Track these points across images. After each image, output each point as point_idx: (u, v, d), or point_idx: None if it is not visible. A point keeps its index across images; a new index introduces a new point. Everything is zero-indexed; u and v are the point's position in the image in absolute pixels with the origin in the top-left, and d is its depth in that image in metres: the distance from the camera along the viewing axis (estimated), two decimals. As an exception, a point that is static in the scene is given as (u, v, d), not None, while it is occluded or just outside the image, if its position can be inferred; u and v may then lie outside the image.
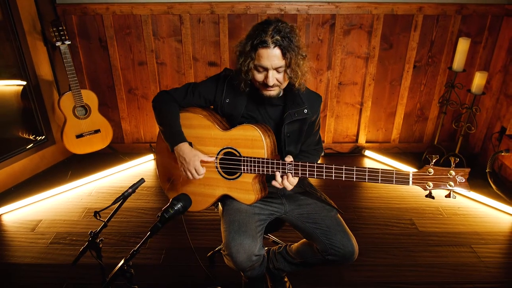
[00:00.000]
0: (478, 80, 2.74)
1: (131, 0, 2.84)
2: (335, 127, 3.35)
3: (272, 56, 1.44)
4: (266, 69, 1.48)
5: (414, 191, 2.86)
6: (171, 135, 1.64)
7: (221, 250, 1.57)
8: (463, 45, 2.76)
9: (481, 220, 2.57)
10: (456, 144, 3.08)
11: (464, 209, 2.68)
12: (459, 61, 2.80)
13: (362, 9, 2.87)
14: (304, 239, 1.76)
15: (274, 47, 1.44)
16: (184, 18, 2.90)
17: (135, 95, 3.20)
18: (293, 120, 1.61)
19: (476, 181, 2.91)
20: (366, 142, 3.40)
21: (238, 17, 2.91)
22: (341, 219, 1.66)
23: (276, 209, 1.70)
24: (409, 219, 2.58)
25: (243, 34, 1.55)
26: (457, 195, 2.78)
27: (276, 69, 1.48)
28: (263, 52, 1.45)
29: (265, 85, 1.52)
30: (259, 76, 1.51)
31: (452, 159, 1.33)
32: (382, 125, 3.36)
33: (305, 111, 1.61)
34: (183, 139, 1.63)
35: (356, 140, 3.40)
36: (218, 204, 1.84)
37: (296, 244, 1.83)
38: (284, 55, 1.45)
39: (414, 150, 3.42)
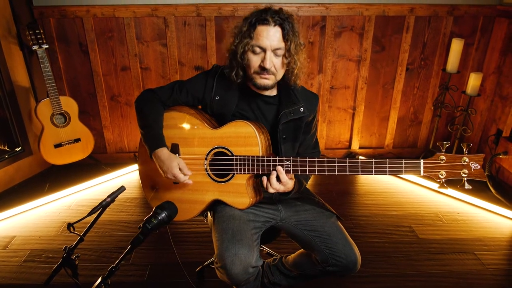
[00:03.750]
0: (473, 81, 2.68)
1: (113, 2, 2.72)
2: (327, 133, 3.25)
3: (272, 35, 1.36)
4: (264, 50, 1.38)
5: (412, 197, 2.76)
6: (150, 139, 1.49)
7: (214, 262, 1.42)
8: (456, 45, 2.70)
9: (482, 226, 2.47)
10: (452, 148, 3.01)
11: (464, 214, 2.58)
12: (453, 62, 2.74)
13: (353, 10, 2.80)
14: (302, 250, 1.63)
15: (275, 25, 1.36)
16: (169, 20, 2.78)
17: (118, 102, 3.05)
18: (288, 120, 1.49)
19: (474, 185, 2.81)
20: (359, 148, 3.30)
21: (225, 19, 2.81)
22: (342, 226, 1.54)
23: (272, 215, 1.56)
24: (408, 226, 2.46)
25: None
26: (456, 200, 2.71)
27: (275, 51, 1.38)
28: (262, 29, 1.36)
29: (260, 70, 1.40)
30: (255, 59, 1.40)
31: (464, 145, 1.23)
32: (375, 130, 3.26)
33: (301, 109, 1.50)
34: (162, 144, 1.48)
35: (349, 146, 3.30)
36: (207, 214, 1.69)
37: (292, 255, 1.70)
38: (284, 36, 1.37)
39: (408, 156, 3.33)
